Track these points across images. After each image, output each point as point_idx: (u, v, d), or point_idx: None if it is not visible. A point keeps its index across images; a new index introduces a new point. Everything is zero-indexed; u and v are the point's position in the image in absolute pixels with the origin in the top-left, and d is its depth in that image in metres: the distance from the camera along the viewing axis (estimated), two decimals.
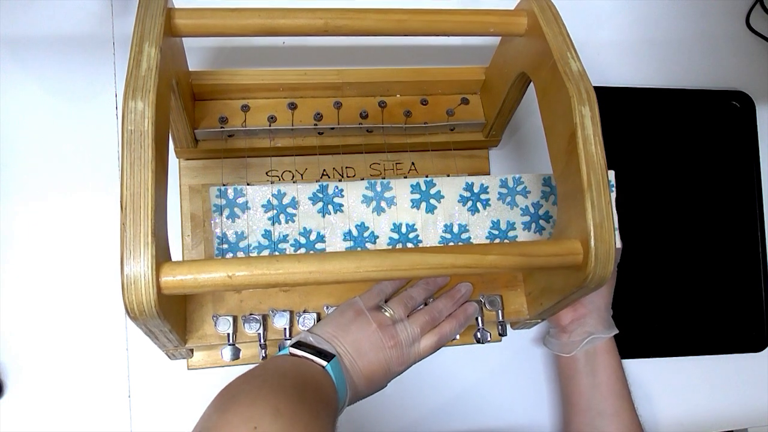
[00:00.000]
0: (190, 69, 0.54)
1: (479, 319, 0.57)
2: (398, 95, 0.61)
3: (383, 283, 0.54)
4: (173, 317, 0.40)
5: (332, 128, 0.58)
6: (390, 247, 0.55)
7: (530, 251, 0.43)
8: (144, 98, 0.38)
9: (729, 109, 0.76)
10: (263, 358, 0.54)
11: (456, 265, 0.42)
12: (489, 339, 0.57)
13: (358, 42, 0.66)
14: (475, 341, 0.58)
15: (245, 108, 0.57)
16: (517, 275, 0.59)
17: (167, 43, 0.42)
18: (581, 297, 0.48)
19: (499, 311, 0.57)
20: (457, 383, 0.65)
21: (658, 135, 0.73)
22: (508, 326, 0.61)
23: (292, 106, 0.58)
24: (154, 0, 0.43)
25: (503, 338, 0.60)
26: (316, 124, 0.57)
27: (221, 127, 0.56)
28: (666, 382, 0.70)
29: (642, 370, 0.69)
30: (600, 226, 0.42)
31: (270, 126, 0.57)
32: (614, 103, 0.72)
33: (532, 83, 0.50)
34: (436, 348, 0.54)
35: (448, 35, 0.49)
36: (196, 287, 0.37)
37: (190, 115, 0.55)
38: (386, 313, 0.52)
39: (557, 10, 0.47)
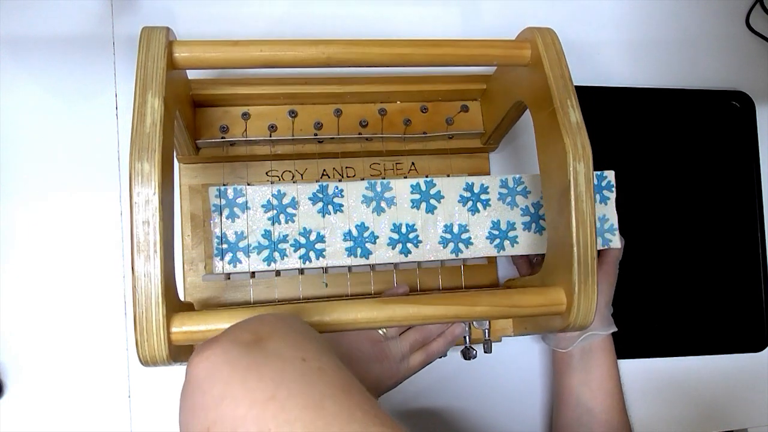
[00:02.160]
0: (190, 77, 0.54)
1: (467, 337, 0.59)
2: (398, 102, 0.61)
3: None
4: (184, 356, 0.41)
5: (332, 138, 0.58)
6: (390, 247, 0.55)
7: (517, 302, 0.46)
8: (150, 159, 0.38)
9: (729, 109, 0.75)
10: None
11: (448, 315, 0.45)
12: (475, 356, 0.59)
13: None
14: (462, 357, 0.59)
15: (246, 116, 0.57)
16: None
17: (169, 76, 0.43)
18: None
19: (486, 330, 0.59)
20: (453, 380, 0.66)
21: (658, 135, 0.73)
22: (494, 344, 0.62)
23: (293, 114, 0.58)
24: (154, 39, 0.43)
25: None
26: (316, 134, 0.58)
27: (222, 137, 0.56)
28: (666, 382, 0.70)
29: (641, 370, 0.69)
30: (584, 282, 0.44)
31: (270, 135, 0.57)
32: (614, 103, 0.72)
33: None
34: (424, 364, 0.56)
35: (450, 66, 0.49)
36: (204, 339, 0.38)
37: (191, 125, 0.55)
38: (379, 331, 0.54)
39: (561, 46, 0.47)
